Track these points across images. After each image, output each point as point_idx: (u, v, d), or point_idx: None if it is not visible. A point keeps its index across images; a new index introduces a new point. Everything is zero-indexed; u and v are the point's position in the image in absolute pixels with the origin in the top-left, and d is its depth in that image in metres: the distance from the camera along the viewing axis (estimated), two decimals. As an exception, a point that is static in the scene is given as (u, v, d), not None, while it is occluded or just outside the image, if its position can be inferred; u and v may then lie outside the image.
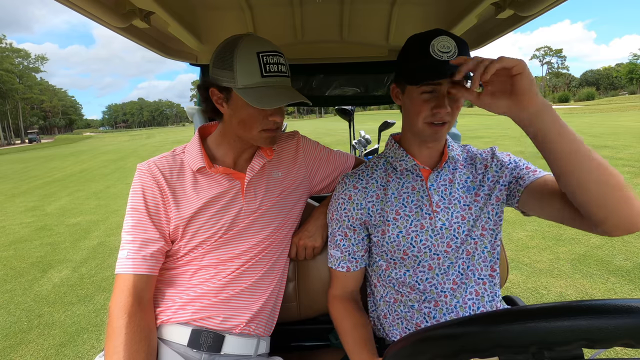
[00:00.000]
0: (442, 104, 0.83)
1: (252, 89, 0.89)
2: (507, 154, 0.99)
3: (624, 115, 23.17)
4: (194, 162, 0.99)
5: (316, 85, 1.76)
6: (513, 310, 0.44)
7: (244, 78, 0.89)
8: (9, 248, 4.61)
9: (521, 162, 0.95)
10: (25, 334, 2.64)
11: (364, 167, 1.05)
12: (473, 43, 1.39)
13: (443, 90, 0.84)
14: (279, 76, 0.92)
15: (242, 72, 0.89)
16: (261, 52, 0.89)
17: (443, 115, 0.84)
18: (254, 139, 0.98)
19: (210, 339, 0.93)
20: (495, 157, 0.97)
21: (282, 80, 0.93)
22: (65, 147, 34.07)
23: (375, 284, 1.02)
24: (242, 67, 0.89)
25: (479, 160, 0.98)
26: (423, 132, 0.89)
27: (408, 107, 0.90)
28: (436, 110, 0.84)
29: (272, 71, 0.90)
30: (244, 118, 0.94)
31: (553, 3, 0.89)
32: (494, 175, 0.95)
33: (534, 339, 0.41)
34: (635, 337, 0.38)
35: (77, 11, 0.82)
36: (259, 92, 0.89)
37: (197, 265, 0.97)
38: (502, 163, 0.95)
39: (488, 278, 0.95)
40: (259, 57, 0.89)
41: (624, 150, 8.53)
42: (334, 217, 1.03)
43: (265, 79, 0.90)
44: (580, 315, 0.40)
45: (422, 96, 0.85)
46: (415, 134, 0.93)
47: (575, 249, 3.41)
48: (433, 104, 0.84)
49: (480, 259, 0.94)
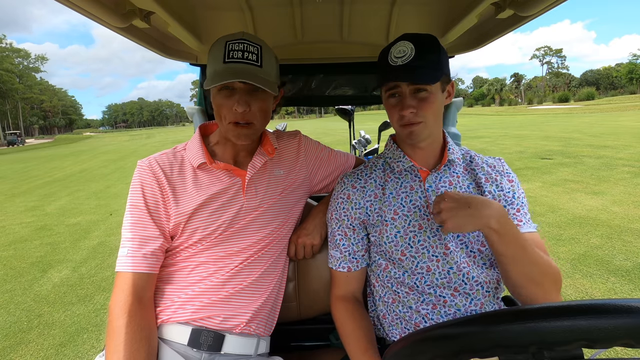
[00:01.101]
0: (404, 106, 0.87)
1: (212, 76, 0.91)
2: (512, 178, 0.97)
3: (624, 115, 23.17)
4: (194, 158, 0.99)
5: (316, 85, 1.75)
6: (513, 310, 0.44)
7: (211, 66, 0.93)
8: (9, 248, 4.61)
9: (516, 201, 0.94)
10: (25, 334, 2.64)
11: (362, 167, 1.05)
12: (473, 43, 1.39)
13: (403, 91, 0.88)
14: (243, 63, 0.90)
15: (210, 62, 0.93)
16: (230, 40, 0.91)
17: (409, 116, 0.87)
18: (226, 132, 0.98)
19: (210, 339, 0.93)
20: (500, 175, 0.96)
21: (247, 67, 0.90)
22: (65, 147, 34.06)
23: (374, 284, 1.02)
24: (211, 57, 0.93)
25: (482, 170, 0.97)
26: (400, 133, 0.94)
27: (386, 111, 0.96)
28: (400, 112, 0.88)
29: (235, 57, 0.90)
30: (216, 109, 0.96)
31: (553, 3, 0.89)
32: (491, 192, 0.94)
33: (533, 339, 0.41)
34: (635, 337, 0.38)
35: (77, 11, 0.82)
36: (213, 76, 0.91)
37: (195, 261, 0.97)
38: (503, 187, 0.94)
39: (493, 291, 0.94)
40: (226, 45, 0.91)
41: (624, 150, 8.53)
42: (333, 216, 1.03)
43: (226, 65, 0.90)
44: (580, 315, 0.40)
45: (390, 100, 0.92)
46: (399, 136, 0.98)
47: (575, 249, 3.41)
48: (399, 107, 0.89)
49: (483, 273, 0.92)
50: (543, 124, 20.14)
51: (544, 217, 4.34)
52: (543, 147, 9.95)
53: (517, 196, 0.94)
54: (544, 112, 37.33)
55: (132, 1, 0.91)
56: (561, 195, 5.20)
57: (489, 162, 0.99)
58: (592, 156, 8.09)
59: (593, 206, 4.62)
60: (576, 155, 8.42)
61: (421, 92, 0.87)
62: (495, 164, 0.99)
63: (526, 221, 0.92)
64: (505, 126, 18.12)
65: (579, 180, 6.03)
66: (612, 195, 5.05)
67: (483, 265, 0.93)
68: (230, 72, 0.89)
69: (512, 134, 14.05)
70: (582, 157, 8.12)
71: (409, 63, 0.84)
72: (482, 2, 1.00)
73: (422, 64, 0.84)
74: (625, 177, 6.01)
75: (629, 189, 5.27)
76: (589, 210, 4.49)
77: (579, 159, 7.85)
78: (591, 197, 5.04)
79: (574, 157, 8.22)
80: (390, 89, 0.90)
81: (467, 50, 1.43)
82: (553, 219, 4.26)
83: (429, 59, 0.85)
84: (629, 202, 4.70)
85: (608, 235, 3.67)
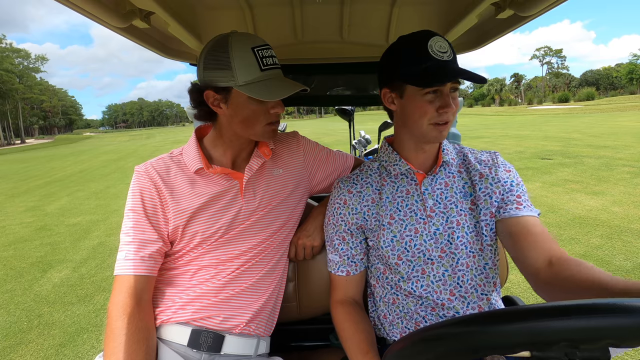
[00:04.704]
0: (448, 103, 0.83)
1: (254, 84, 0.90)
2: (509, 168, 0.95)
3: (624, 115, 23.17)
4: (191, 163, 0.99)
5: (316, 85, 1.75)
6: (520, 309, 0.44)
7: (244, 74, 0.89)
8: (9, 248, 4.61)
9: (515, 188, 0.92)
10: (25, 334, 2.64)
11: (358, 171, 1.03)
12: (473, 43, 1.39)
13: (446, 89, 0.84)
14: (274, 68, 0.94)
15: (241, 69, 0.89)
16: (255, 47, 0.91)
17: (447, 116, 0.84)
18: (256, 135, 0.98)
19: (210, 339, 0.93)
20: (495, 168, 0.94)
21: (278, 72, 0.95)
22: (65, 147, 34.05)
23: (374, 284, 1.02)
24: (240, 64, 0.89)
25: (475, 167, 0.95)
26: (428, 133, 0.87)
27: (410, 111, 0.88)
28: (442, 110, 0.83)
29: (269, 64, 0.92)
30: (247, 115, 0.94)
31: (553, 3, 0.89)
32: (487, 187, 0.92)
33: (535, 339, 0.41)
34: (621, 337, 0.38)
35: (77, 11, 0.82)
36: (262, 86, 0.90)
37: (197, 265, 0.97)
38: (499, 179, 0.92)
39: (491, 294, 0.93)
40: (255, 52, 0.90)
41: (624, 150, 8.53)
42: (330, 221, 1.02)
43: (264, 72, 0.91)
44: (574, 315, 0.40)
45: (426, 97, 0.84)
46: (417, 137, 0.91)
47: (575, 249, 3.41)
48: (438, 105, 0.84)
49: (482, 274, 0.92)
50: (543, 124, 20.14)
51: (544, 217, 4.34)
52: (543, 147, 9.95)
53: (515, 183, 0.92)
54: (544, 112, 37.33)
55: (132, 1, 0.91)
56: (561, 196, 5.20)
57: (481, 159, 0.97)
58: (592, 156, 8.09)
59: (593, 206, 4.62)
60: (576, 155, 8.42)
61: (455, 92, 0.86)
62: (488, 158, 0.97)
63: (527, 205, 0.89)
64: (505, 126, 18.13)
65: (579, 180, 6.03)
66: (612, 195, 5.04)
67: (482, 268, 0.93)
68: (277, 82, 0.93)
69: (512, 134, 14.05)
70: (582, 157, 8.12)
71: (453, 59, 0.83)
72: (482, 2, 1.00)
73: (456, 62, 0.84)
74: (625, 177, 6.01)
75: (629, 189, 5.27)
76: (589, 210, 4.49)
77: (579, 159, 7.85)
78: (591, 197, 5.04)
79: (574, 157, 8.22)
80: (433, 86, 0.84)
81: (467, 50, 1.43)
82: (553, 219, 4.26)
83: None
84: (629, 202, 4.70)
85: (608, 236, 3.67)
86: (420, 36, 0.83)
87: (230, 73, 0.89)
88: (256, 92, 0.89)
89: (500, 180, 0.92)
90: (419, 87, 0.83)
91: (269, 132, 0.98)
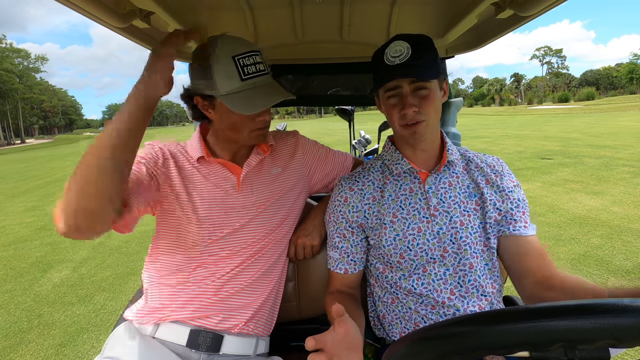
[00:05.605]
0: (406, 104, 0.86)
1: (235, 95, 0.90)
2: (515, 182, 0.96)
3: (624, 115, 23.18)
4: (194, 152, 1.01)
5: (316, 85, 1.75)
6: (520, 309, 0.44)
7: (224, 85, 0.89)
8: (9, 248, 4.61)
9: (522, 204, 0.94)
10: (25, 334, 2.64)
11: (360, 169, 1.04)
12: (473, 43, 1.39)
13: (404, 91, 0.87)
14: (258, 76, 0.92)
15: (221, 79, 0.89)
16: (236, 55, 0.89)
17: (412, 115, 0.86)
18: (244, 140, 0.99)
19: (209, 339, 0.93)
20: (501, 176, 0.96)
21: (263, 79, 0.93)
22: (65, 147, 34.04)
23: (373, 284, 1.02)
24: (220, 74, 0.89)
25: (481, 172, 0.96)
26: (403, 134, 0.91)
27: (386, 114, 0.94)
28: (403, 111, 0.87)
29: (251, 72, 0.91)
30: (233, 122, 0.95)
31: (553, 3, 0.89)
32: (491, 195, 0.93)
33: (535, 339, 0.41)
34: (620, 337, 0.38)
35: (77, 11, 0.82)
36: (241, 97, 0.89)
37: (196, 262, 0.97)
38: (505, 187, 0.94)
39: (492, 294, 0.93)
40: (235, 60, 0.89)
41: (624, 150, 8.53)
42: (330, 219, 1.03)
43: (245, 82, 0.90)
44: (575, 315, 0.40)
45: (389, 101, 0.90)
46: (400, 138, 0.96)
47: (575, 249, 3.41)
48: (400, 106, 0.87)
49: (483, 275, 0.92)
50: (543, 124, 20.14)
51: (544, 217, 4.34)
52: (543, 147, 9.95)
53: (521, 199, 0.94)
54: (543, 112, 37.31)
55: (132, 1, 0.91)
56: (561, 195, 5.20)
57: (488, 162, 0.98)
58: (592, 156, 8.09)
59: (593, 206, 4.62)
60: (576, 155, 8.42)
61: (422, 90, 0.87)
62: (495, 164, 0.98)
63: (529, 224, 0.93)
64: (505, 126, 18.13)
65: (579, 180, 6.03)
66: (612, 195, 5.04)
67: (483, 268, 0.93)
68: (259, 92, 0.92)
69: (512, 134, 14.05)
70: (582, 157, 8.12)
71: (406, 62, 0.84)
72: (482, 2, 1.00)
73: (419, 62, 0.84)
74: (625, 177, 6.01)
75: (629, 189, 5.27)
76: (589, 210, 4.49)
77: (579, 159, 7.85)
78: (591, 197, 5.03)
79: (574, 157, 8.22)
80: (390, 90, 0.89)
81: (467, 50, 1.43)
82: (553, 219, 4.26)
83: (425, 57, 0.85)
84: (629, 202, 4.70)
85: (608, 235, 3.67)
86: (386, 44, 0.88)
87: (212, 83, 0.90)
88: (236, 105, 0.89)
89: (505, 190, 0.94)
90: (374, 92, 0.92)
91: (256, 137, 0.99)
